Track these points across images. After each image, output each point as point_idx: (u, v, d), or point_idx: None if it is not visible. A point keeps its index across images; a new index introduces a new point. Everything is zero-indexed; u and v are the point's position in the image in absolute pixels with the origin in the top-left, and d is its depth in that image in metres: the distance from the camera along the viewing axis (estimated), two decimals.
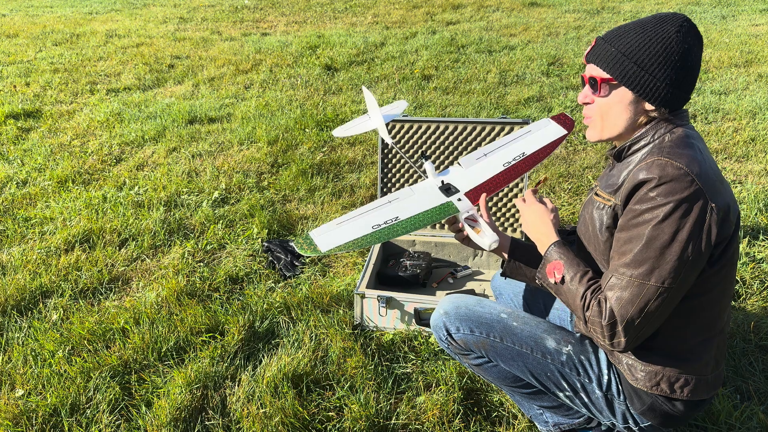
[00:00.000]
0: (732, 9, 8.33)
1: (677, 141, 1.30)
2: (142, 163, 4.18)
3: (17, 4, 12.10)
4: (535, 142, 1.81)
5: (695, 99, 4.83)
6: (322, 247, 1.53)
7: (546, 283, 1.47)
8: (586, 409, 1.55)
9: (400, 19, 8.96)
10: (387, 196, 1.70)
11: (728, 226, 1.27)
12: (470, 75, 5.86)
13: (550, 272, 1.44)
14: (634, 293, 1.26)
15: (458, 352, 1.64)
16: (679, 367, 1.37)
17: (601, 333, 1.31)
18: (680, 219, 1.21)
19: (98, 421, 1.98)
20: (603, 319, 1.29)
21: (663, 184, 1.23)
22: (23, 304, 2.62)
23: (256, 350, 2.29)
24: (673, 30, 1.29)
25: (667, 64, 1.29)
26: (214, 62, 6.82)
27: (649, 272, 1.25)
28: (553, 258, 1.45)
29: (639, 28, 1.32)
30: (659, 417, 1.44)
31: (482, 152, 1.81)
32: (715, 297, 1.35)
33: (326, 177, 3.81)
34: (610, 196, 1.39)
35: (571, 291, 1.39)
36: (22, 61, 7.17)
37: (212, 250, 3.03)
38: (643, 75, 1.30)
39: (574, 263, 1.42)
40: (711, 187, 1.24)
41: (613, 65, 1.33)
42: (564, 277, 1.40)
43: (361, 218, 1.62)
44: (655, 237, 1.23)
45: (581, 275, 1.39)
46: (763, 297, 2.45)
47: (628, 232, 1.29)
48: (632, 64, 1.31)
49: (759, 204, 3.13)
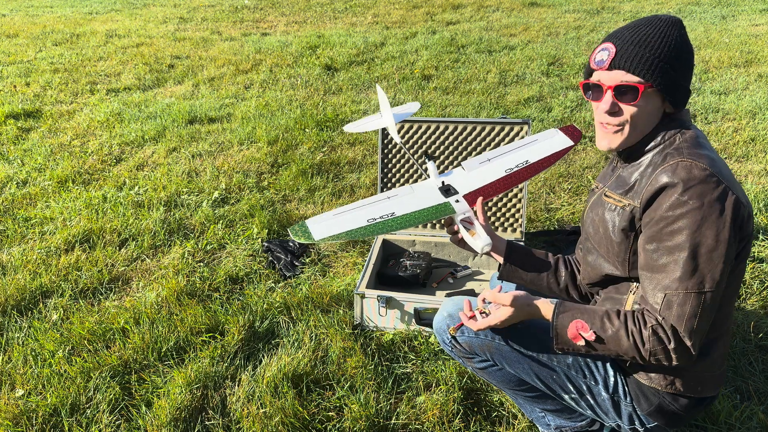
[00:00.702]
0: (732, 9, 8.33)
1: (692, 141, 1.30)
2: (142, 163, 4.18)
3: (17, 4, 12.10)
4: (540, 151, 1.80)
5: (695, 99, 4.83)
6: (316, 235, 1.53)
7: (575, 349, 1.36)
8: (592, 411, 1.54)
9: (400, 19, 8.96)
10: (387, 192, 1.71)
11: (751, 223, 1.29)
12: (470, 75, 5.86)
13: (575, 336, 1.33)
14: (694, 305, 1.22)
15: (462, 355, 1.64)
16: (692, 366, 1.37)
17: (667, 358, 1.26)
18: (717, 219, 1.21)
19: (98, 421, 1.98)
20: (669, 344, 1.24)
21: (692, 187, 1.21)
22: (23, 304, 2.62)
23: (256, 350, 2.29)
24: (675, 32, 1.31)
25: (689, 66, 1.32)
26: (214, 62, 6.82)
27: (702, 280, 1.22)
28: (567, 322, 1.34)
29: (657, 33, 1.29)
30: (666, 417, 1.44)
31: (486, 157, 1.81)
32: (728, 295, 1.35)
33: (326, 177, 3.81)
34: (622, 197, 1.38)
35: (611, 340, 1.29)
36: (22, 61, 7.17)
37: (212, 250, 3.03)
38: (677, 79, 1.30)
39: (588, 312, 1.33)
40: (734, 184, 1.25)
41: (652, 71, 1.27)
42: (595, 333, 1.30)
43: (358, 210, 1.62)
44: (699, 243, 1.21)
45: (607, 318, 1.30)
46: (763, 297, 2.45)
47: (665, 243, 1.25)
48: (670, 69, 1.28)
49: (759, 204, 3.13)
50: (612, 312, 1.32)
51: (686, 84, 1.32)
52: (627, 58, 1.29)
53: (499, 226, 2.84)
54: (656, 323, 1.25)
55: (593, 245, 1.49)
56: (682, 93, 1.33)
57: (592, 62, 1.37)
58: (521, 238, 2.79)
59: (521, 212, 2.78)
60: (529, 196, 3.46)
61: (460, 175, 1.76)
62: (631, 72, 1.29)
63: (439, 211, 1.64)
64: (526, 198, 2.84)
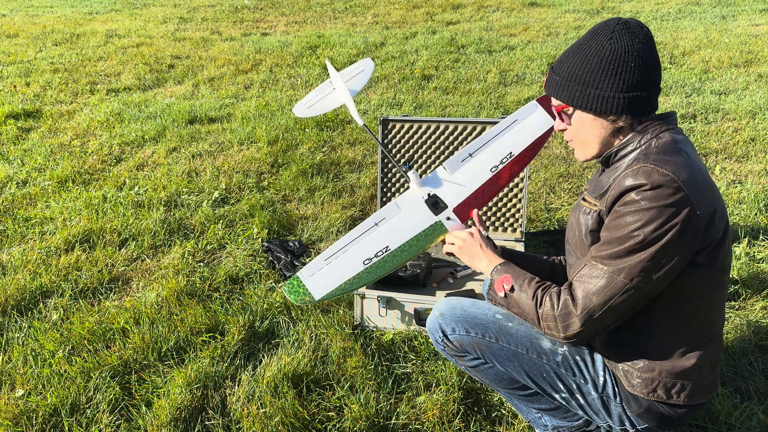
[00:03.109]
0: (732, 9, 8.33)
1: (664, 147, 1.30)
2: (142, 163, 4.18)
3: (17, 4, 12.10)
4: (522, 137, 1.71)
5: (695, 99, 4.83)
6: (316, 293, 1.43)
7: (497, 299, 1.50)
8: (583, 411, 1.55)
9: (400, 19, 8.96)
10: (373, 216, 1.61)
11: (714, 231, 1.27)
12: (470, 75, 5.86)
13: (499, 287, 1.47)
14: (601, 285, 1.28)
15: (454, 353, 1.64)
16: (675, 373, 1.37)
17: (555, 326, 1.34)
18: (662, 224, 1.22)
19: (98, 421, 1.98)
20: (555, 310, 1.33)
21: (648, 190, 1.23)
22: (23, 304, 2.62)
23: (256, 350, 2.29)
24: (605, 39, 1.31)
25: (607, 73, 1.30)
26: (214, 62, 6.82)
27: (620, 268, 1.26)
28: (500, 275, 1.48)
29: (576, 50, 1.36)
30: (656, 419, 1.44)
31: (467, 152, 1.72)
32: (707, 302, 1.36)
33: (326, 177, 3.81)
34: (596, 200, 1.40)
35: (521, 297, 1.42)
36: (22, 61, 7.17)
37: (212, 250, 3.03)
38: (589, 92, 1.32)
39: (521, 274, 1.46)
40: (697, 193, 1.23)
41: (562, 92, 1.37)
42: (513, 287, 1.44)
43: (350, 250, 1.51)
44: (633, 237, 1.24)
45: (528, 280, 1.43)
46: (763, 297, 2.45)
47: (609, 232, 1.30)
48: (577, 85, 1.34)
49: (759, 204, 3.13)
50: (536, 279, 1.43)
51: (614, 92, 1.30)
52: (549, 85, 1.41)
53: (499, 226, 2.85)
54: (555, 291, 1.35)
55: (572, 247, 1.52)
56: (616, 101, 1.31)
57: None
58: (521, 238, 2.79)
59: (521, 212, 2.78)
60: (529, 196, 3.46)
61: (444, 178, 1.68)
62: (554, 96, 1.41)
63: (432, 233, 1.59)
64: (526, 198, 2.84)
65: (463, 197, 1.63)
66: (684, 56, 6.05)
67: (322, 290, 1.42)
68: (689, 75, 5.45)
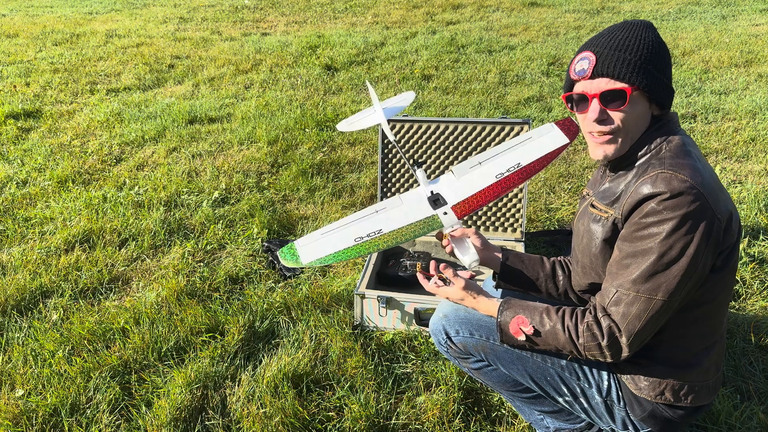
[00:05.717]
0: (732, 9, 8.32)
1: (676, 150, 1.28)
2: (142, 163, 4.18)
3: (17, 4, 12.10)
4: (534, 151, 1.72)
5: (695, 99, 4.83)
6: (304, 258, 1.50)
7: (518, 344, 1.42)
8: (586, 414, 1.55)
9: (400, 19, 8.96)
10: (375, 204, 1.67)
11: (731, 234, 1.27)
12: (470, 75, 5.86)
13: (517, 331, 1.39)
14: (641, 309, 1.25)
15: (457, 355, 1.64)
16: (683, 376, 1.37)
17: (601, 354, 1.30)
18: (688, 233, 1.20)
19: (98, 421, 1.98)
20: (602, 340, 1.28)
21: (670, 198, 1.20)
22: (23, 304, 2.61)
23: (256, 350, 2.29)
24: (644, 31, 1.30)
25: (668, 65, 1.31)
26: (214, 62, 6.82)
27: (657, 287, 1.23)
28: (510, 317, 1.41)
29: (633, 36, 1.28)
30: (660, 423, 1.44)
31: (477, 160, 1.74)
32: (717, 304, 1.35)
33: (326, 177, 3.81)
34: (608, 208, 1.37)
35: (548, 334, 1.35)
36: (22, 61, 7.17)
37: (212, 250, 3.03)
38: (660, 78, 1.28)
39: (530, 308, 1.39)
40: (714, 196, 1.22)
41: (636, 73, 1.26)
42: (534, 328, 1.36)
43: (345, 228, 1.58)
44: (664, 253, 1.21)
45: (546, 313, 1.36)
46: (763, 297, 2.45)
47: (633, 245, 1.26)
48: (653, 69, 1.27)
49: (759, 204, 3.13)
50: (552, 308, 1.37)
51: (669, 83, 1.31)
52: (609, 64, 1.27)
53: (499, 226, 2.84)
54: (593, 319, 1.30)
55: (579, 255, 1.50)
56: (667, 92, 1.31)
57: (572, 73, 1.34)
58: (521, 238, 2.79)
59: (521, 212, 2.78)
60: (529, 196, 3.46)
61: (450, 181, 1.70)
62: (615, 77, 1.27)
63: (426, 225, 1.60)
64: (526, 198, 2.84)
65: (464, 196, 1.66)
66: (684, 56, 6.05)
67: (309, 257, 1.51)
68: (689, 75, 5.45)
